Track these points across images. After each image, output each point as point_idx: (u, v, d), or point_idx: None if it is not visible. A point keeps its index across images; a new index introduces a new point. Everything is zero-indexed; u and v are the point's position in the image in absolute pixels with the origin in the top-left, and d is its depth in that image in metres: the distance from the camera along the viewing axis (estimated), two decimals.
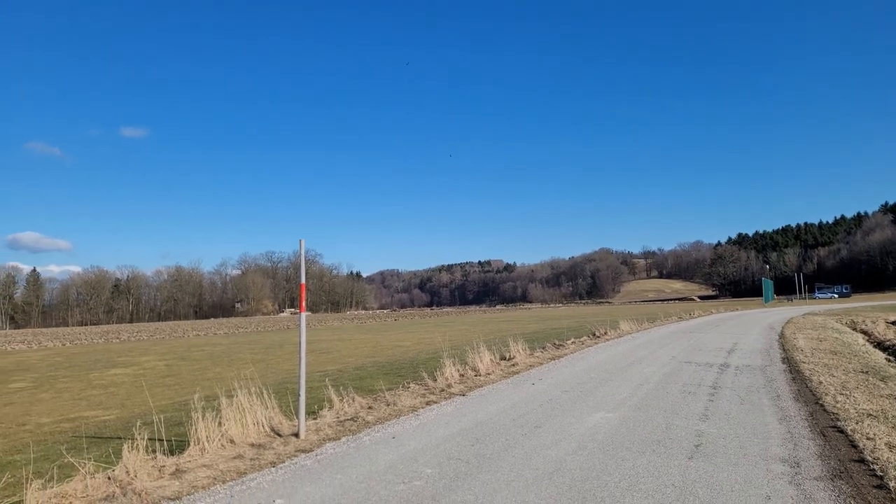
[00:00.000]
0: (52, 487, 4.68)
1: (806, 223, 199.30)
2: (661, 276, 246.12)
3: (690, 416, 7.21)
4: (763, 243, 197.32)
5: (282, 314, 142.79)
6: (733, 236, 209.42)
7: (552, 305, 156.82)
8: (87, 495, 4.65)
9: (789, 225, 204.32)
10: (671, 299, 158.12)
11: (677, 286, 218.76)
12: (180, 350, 25.50)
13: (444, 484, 4.81)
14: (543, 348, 16.78)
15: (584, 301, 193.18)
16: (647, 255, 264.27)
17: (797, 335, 19.53)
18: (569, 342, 18.65)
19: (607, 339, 20.34)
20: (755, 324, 28.56)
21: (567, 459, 5.43)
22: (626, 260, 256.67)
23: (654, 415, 7.34)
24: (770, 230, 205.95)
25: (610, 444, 5.98)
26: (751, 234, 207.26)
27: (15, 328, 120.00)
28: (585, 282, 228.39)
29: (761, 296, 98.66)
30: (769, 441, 5.97)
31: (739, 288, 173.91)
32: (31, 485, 4.54)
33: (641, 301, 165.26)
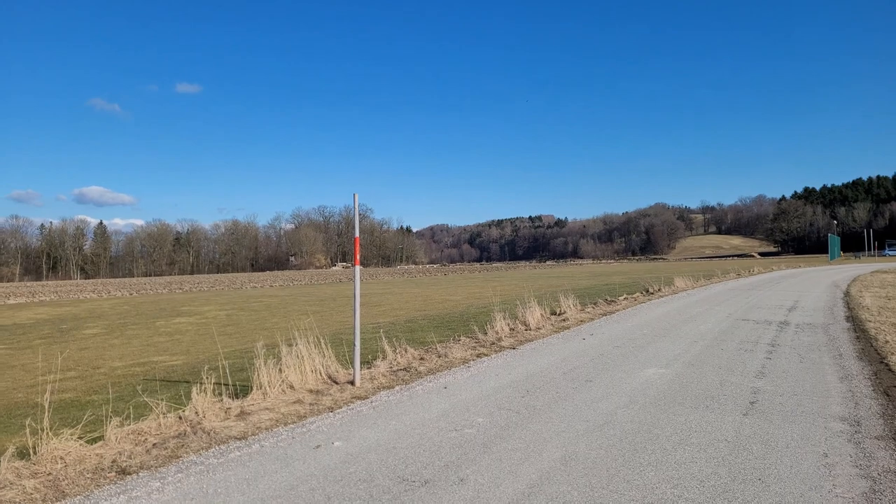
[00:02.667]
0: (129, 425, 5.03)
1: (878, 176, 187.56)
2: (719, 231, 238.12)
3: (746, 374, 7.08)
4: (831, 198, 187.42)
5: (334, 268, 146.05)
6: (799, 190, 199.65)
7: (604, 261, 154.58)
8: (161, 433, 4.98)
9: (860, 178, 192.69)
10: (729, 256, 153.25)
11: (736, 242, 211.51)
12: (239, 301, 26.55)
13: (496, 432, 4.92)
14: (595, 304, 16.66)
15: (637, 257, 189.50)
16: (705, 210, 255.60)
17: (863, 293, 18.69)
18: (621, 298, 18.43)
19: (661, 296, 20.00)
20: (818, 281, 27.48)
21: (618, 413, 5.45)
22: (683, 215, 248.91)
23: (707, 371, 7.24)
24: (839, 184, 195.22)
25: (662, 399, 5.95)
26: (818, 189, 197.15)
27: (85, 278, 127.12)
28: (639, 238, 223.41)
29: (826, 252, 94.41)
30: (829, 399, 5.82)
31: (803, 244, 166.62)
32: (110, 422, 4.89)
33: (698, 258, 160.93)
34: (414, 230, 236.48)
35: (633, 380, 6.85)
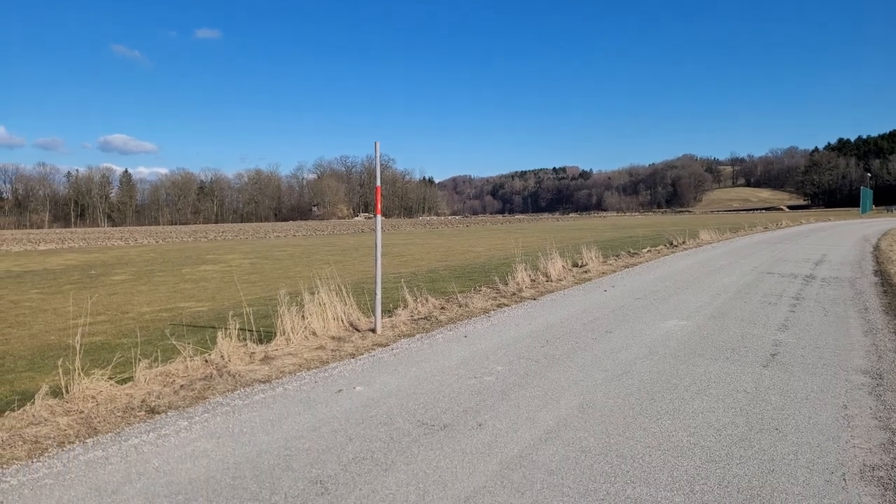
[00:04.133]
0: (158, 367, 5.19)
1: None
2: (747, 184, 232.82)
3: (769, 326, 7.01)
4: (865, 150, 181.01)
5: (356, 218, 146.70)
6: (833, 142, 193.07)
7: (629, 214, 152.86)
8: (188, 375, 5.13)
9: None
10: (757, 209, 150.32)
11: (765, 195, 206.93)
12: (263, 250, 26.90)
13: (514, 381, 4.97)
14: (617, 256, 16.54)
15: (662, 210, 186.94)
16: (734, 161, 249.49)
17: (894, 247, 18.25)
18: (644, 251, 18.27)
19: (685, 249, 19.78)
20: (848, 235, 26.89)
21: (636, 363, 5.47)
22: (711, 167, 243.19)
23: (729, 324, 7.19)
24: (875, 135, 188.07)
25: (681, 350, 5.94)
26: (852, 140, 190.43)
27: (112, 226, 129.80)
28: (665, 190, 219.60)
29: (858, 206, 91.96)
30: (851, 353, 5.75)
31: (834, 197, 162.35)
32: (139, 364, 5.05)
33: (724, 210, 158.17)
34: (436, 181, 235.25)
35: (654, 331, 6.84)
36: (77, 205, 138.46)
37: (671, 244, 21.18)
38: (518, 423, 3.97)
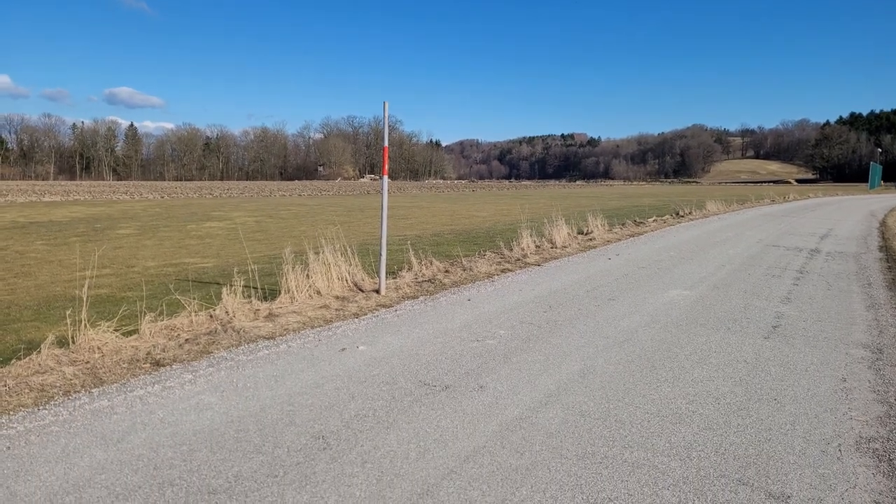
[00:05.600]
0: (163, 321, 5.23)
1: None
2: (757, 156, 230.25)
3: (771, 298, 7.01)
4: (877, 124, 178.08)
5: (362, 179, 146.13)
6: (845, 115, 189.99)
7: (636, 183, 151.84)
8: (193, 329, 5.18)
9: None
10: (765, 181, 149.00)
11: (773, 168, 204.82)
12: (268, 208, 26.88)
13: (516, 345, 5.00)
14: (623, 225, 16.48)
15: (670, 180, 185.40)
16: (744, 133, 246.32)
17: None
18: (650, 220, 18.18)
19: (691, 219, 19.68)
20: (855, 210, 26.69)
21: (638, 331, 5.48)
22: (721, 138, 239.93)
23: (732, 295, 7.19)
24: (888, 110, 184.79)
25: (683, 319, 5.96)
26: (865, 114, 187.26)
27: (117, 180, 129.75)
28: (674, 160, 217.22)
29: (867, 181, 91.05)
30: (853, 327, 5.76)
31: (843, 172, 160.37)
32: (144, 317, 5.09)
33: (732, 182, 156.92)
34: (443, 144, 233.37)
35: (657, 300, 6.85)
36: (82, 157, 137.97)
37: (677, 214, 21.07)
38: (519, 386, 4.00)
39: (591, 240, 12.66)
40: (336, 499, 2.58)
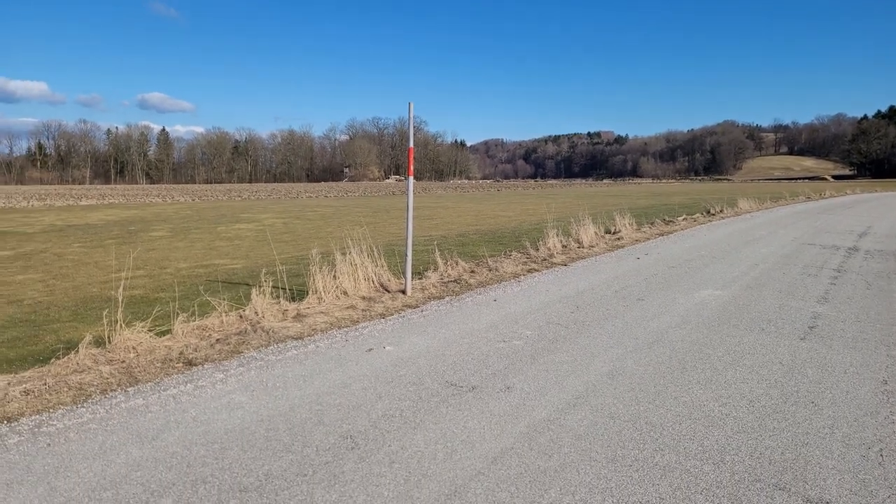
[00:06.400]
0: (195, 321, 5.32)
1: None
2: (791, 152, 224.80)
3: (808, 298, 6.84)
4: None
5: (387, 180, 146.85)
6: (883, 109, 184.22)
7: (665, 181, 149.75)
8: (224, 329, 5.26)
9: None
10: (800, 178, 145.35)
11: (808, 164, 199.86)
12: (295, 210, 27.19)
13: (543, 345, 4.96)
14: (651, 224, 16.26)
15: (700, 177, 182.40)
16: (777, 128, 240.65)
17: None
18: (680, 219, 17.91)
19: (723, 218, 19.32)
20: (895, 207, 25.89)
21: (669, 332, 5.40)
22: (753, 134, 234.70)
23: (766, 295, 7.03)
24: None
25: (716, 320, 5.85)
26: None
27: (150, 183, 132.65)
28: (704, 157, 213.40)
29: None
30: (894, 327, 5.58)
31: (882, 168, 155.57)
32: (177, 317, 5.19)
33: (765, 179, 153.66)
34: (468, 144, 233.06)
35: (687, 300, 6.73)
36: (117, 162, 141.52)
37: (708, 212, 20.70)
38: (546, 387, 3.97)
39: (618, 239, 12.52)
40: (364, 498, 2.59)
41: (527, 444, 3.13)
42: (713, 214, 20.20)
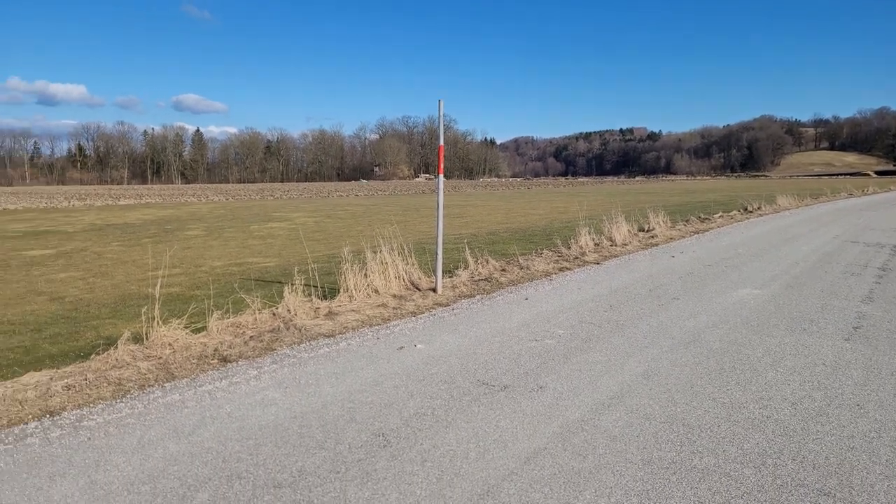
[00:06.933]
0: (229, 318, 5.40)
1: None
2: (831, 147, 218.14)
3: (851, 298, 6.61)
4: None
5: (417, 179, 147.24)
6: None
7: (699, 178, 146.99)
8: (257, 327, 5.32)
9: None
10: (841, 174, 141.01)
11: (850, 159, 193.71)
12: (326, 209, 27.45)
13: (576, 345, 4.90)
14: (686, 221, 15.96)
15: (736, 174, 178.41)
16: (817, 123, 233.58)
17: None
18: (716, 216, 17.53)
19: (761, 215, 18.86)
20: None
21: (706, 332, 5.28)
22: (792, 129, 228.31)
23: (808, 294, 6.82)
24: None
25: (755, 320, 5.69)
26: None
27: (185, 183, 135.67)
28: (740, 153, 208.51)
29: None
30: None
31: None
32: (212, 315, 5.27)
33: (805, 175, 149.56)
34: (498, 142, 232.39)
35: (724, 300, 6.58)
36: (153, 162, 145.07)
37: (745, 210, 20.23)
38: (580, 387, 3.91)
39: (652, 237, 12.31)
40: (397, 496, 2.59)
41: (560, 445, 3.09)
42: (750, 212, 19.72)
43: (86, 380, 3.97)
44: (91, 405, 3.64)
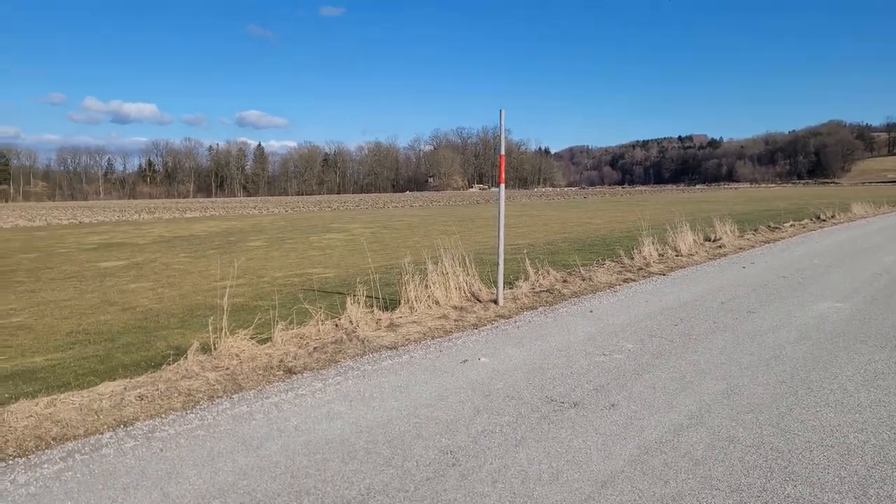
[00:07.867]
0: (293, 329, 5.44)
1: None
2: None
3: None
4: None
5: (471, 189, 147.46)
6: None
7: (764, 185, 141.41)
8: (320, 338, 5.34)
9: None
10: None
11: None
12: (382, 220, 27.75)
13: (647, 360, 4.69)
14: (755, 230, 15.28)
15: (803, 181, 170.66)
16: (890, 127, 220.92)
17: None
18: (786, 225, 16.74)
19: (834, 223, 17.90)
20: None
21: (787, 347, 4.96)
22: (863, 134, 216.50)
23: (895, 308, 6.36)
24: None
25: (839, 335, 5.32)
26: None
27: (247, 196, 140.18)
28: (807, 159, 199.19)
29: None
30: None
31: None
32: (276, 326, 5.32)
33: (879, 182, 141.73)
34: (552, 151, 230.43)
35: (804, 313, 6.19)
36: (217, 176, 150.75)
37: (818, 218, 19.24)
38: (654, 405, 3.72)
39: (720, 247, 11.82)
40: None
41: (638, 468, 2.92)
42: (823, 220, 18.74)
43: (157, 390, 4.05)
44: (162, 416, 3.70)
